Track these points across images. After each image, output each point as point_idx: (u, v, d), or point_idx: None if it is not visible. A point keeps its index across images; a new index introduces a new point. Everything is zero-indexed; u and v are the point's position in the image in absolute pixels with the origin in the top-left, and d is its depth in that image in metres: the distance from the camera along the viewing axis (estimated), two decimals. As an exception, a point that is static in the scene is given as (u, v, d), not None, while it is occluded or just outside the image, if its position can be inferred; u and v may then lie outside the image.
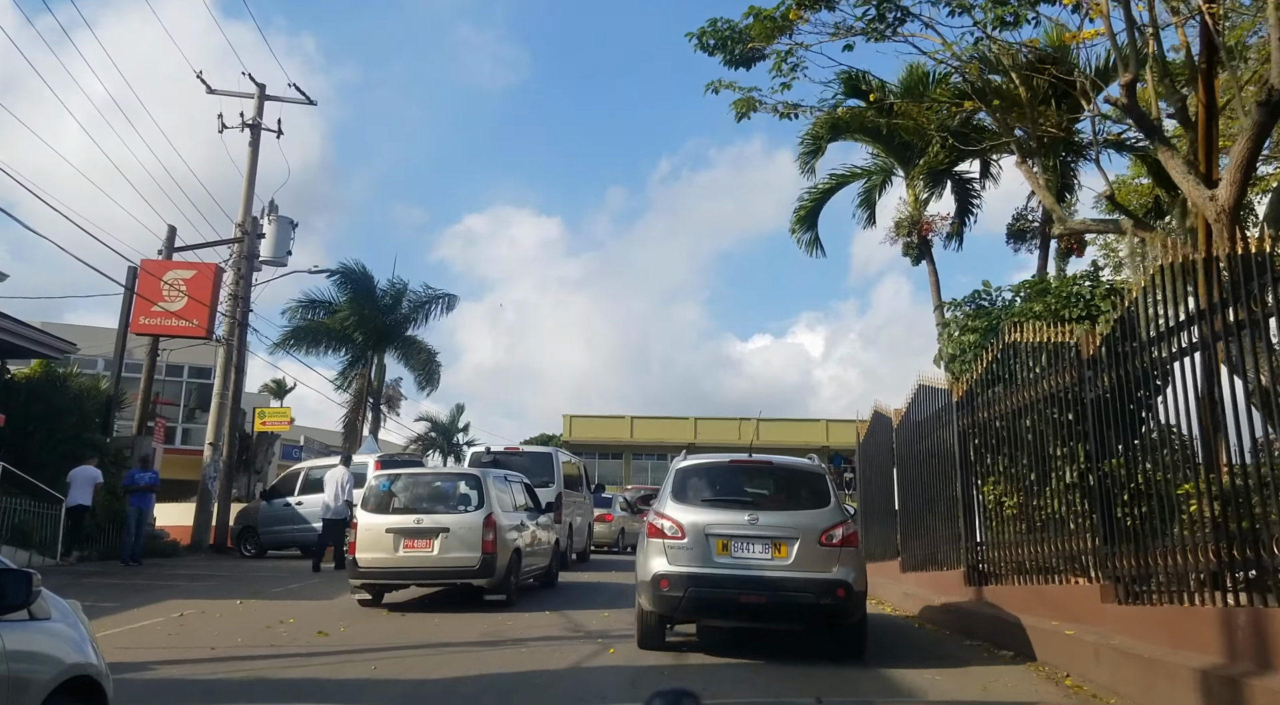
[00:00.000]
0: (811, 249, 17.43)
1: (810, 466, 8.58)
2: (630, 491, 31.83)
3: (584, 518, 18.07)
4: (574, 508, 16.79)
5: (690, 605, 7.66)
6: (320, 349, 32.63)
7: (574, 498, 16.90)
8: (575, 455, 18.46)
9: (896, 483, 12.94)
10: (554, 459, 16.09)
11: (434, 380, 34.07)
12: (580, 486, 17.96)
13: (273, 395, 59.06)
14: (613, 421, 50.41)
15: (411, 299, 33.34)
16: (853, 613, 7.68)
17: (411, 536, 10.53)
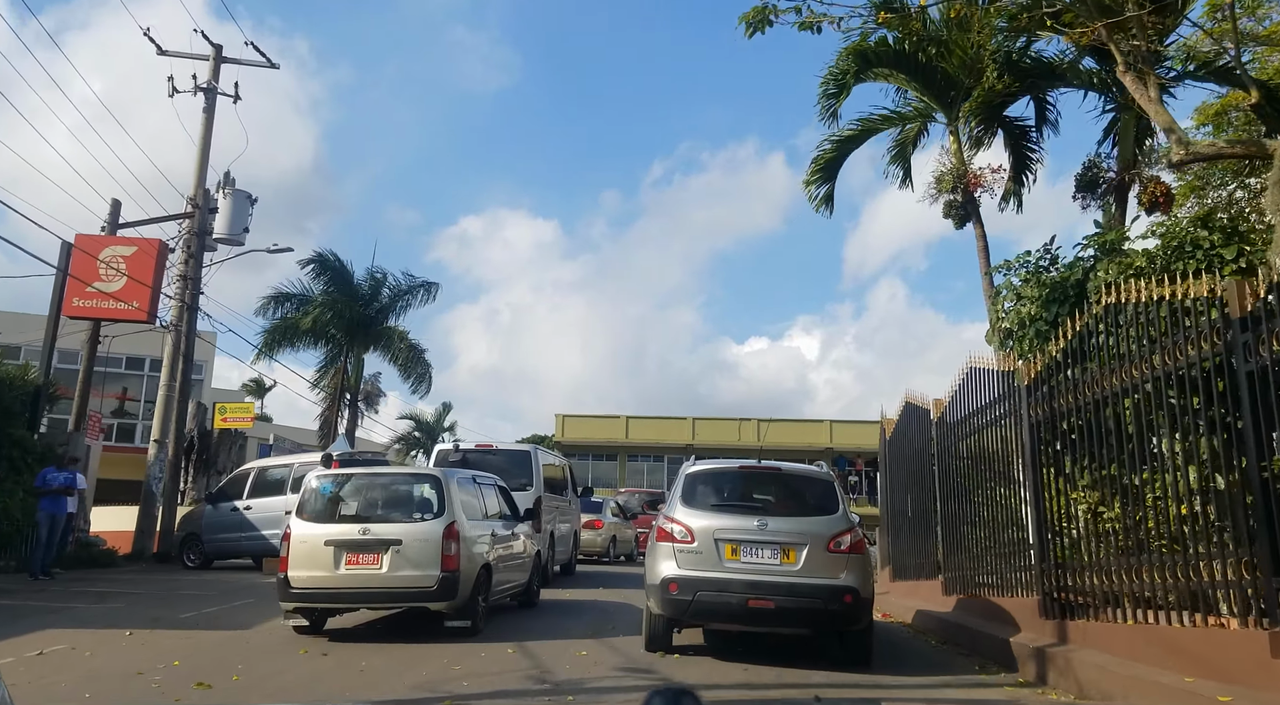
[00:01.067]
0: (822, 205, 15.29)
1: (819, 473, 8.73)
2: (624, 495, 29.28)
3: (570, 524, 16.04)
4: (557, 513, 14.76)
5: (699, 609, 7.72)
6: (295, 345, 30.59)
7: (557, 502, 14.88)
8: (559, 455, 16.37)
9: (938, 487, 10.89)
10: (533, 458, 14.02)
11: (423, 378, 31.88)
12: (565, 489, 15.92)
13: (250, 394, 57.12)
14: (607, 421, 48.33)
15: (391, 288, 31.34)
16: (860, 619, 7.73)
17: (356, 550, 8.51)
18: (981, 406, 9.23)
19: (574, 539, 16.42)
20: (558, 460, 16.01)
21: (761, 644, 8.60)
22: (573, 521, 16.36)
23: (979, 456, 9.39)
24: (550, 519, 14.21)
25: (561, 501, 15.36)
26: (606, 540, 20.94)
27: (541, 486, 13.81)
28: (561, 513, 15.23)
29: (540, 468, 13.95)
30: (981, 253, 14.27)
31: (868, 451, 46.43)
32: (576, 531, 16.83)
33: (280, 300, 30.34)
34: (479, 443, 14.61)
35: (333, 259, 30.47)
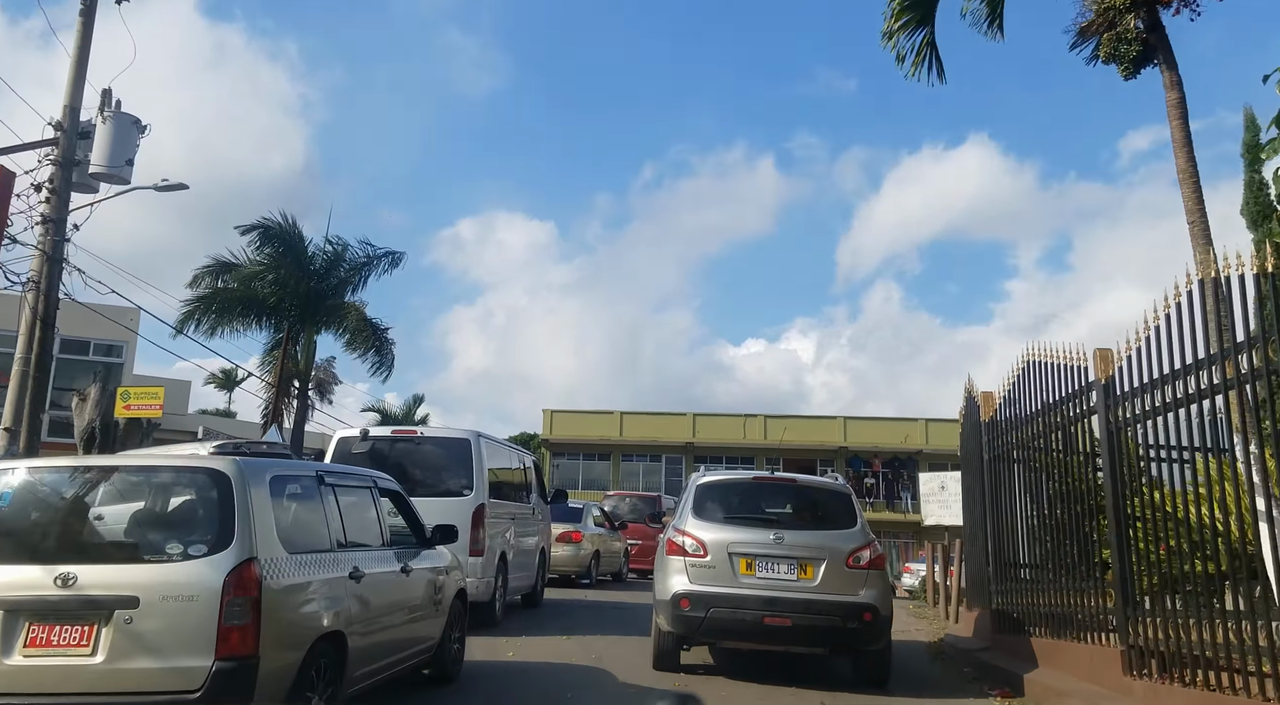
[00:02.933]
0: (921, 61, 10.44)
1: (835, 486, 8.52)
2: (611, 499, 24.37)
3: (535, 539, 12.00)
4: (513, 527, 10.73)
5: (712, 626, 7.51)
6: (233, 323, 26.57)
7: (514, 510, 10.87)
8: (518, 448, 12.25)
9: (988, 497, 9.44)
10: (474, 450, 9.82)
11: (383, 361, 27.84)
12: (527, 493, 11.88)
13: (220, 386, 53.12)
14: (599, 418, 44.27)
15: (350, 260, 27.35)
16: (879, 638, 7.55)
17: (46, 619, 4.40)
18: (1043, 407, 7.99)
19: (541, 558, 12.37)
20: (516, 454, 11.93)
21: (775, 663, 8.42)
22: (539, 535, 12.33)
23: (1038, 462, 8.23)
24: (503, 535, 10.22)
25: (520, 509, 11.35)
26: (587, 557, 16.89)
27: (486, 491, 9.76)
28: (521, 525, 11.20)
29: (485, 463, 9.84)
30: (1176, 107, 9.52)
31: (885, 451, 42.40)
32: (544, 548, 12.76)
33: (218, 271, 26.37)
34: (399, 429, 10.57)
35: (279, 225, 26.44)
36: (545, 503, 12.91)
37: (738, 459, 43.09)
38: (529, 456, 12.26)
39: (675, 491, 42.94)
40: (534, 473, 12.20)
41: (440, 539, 6.93)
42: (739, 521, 7.84)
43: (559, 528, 16.66)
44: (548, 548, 13.10)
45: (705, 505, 8.03)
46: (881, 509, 41.03)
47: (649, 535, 21.52)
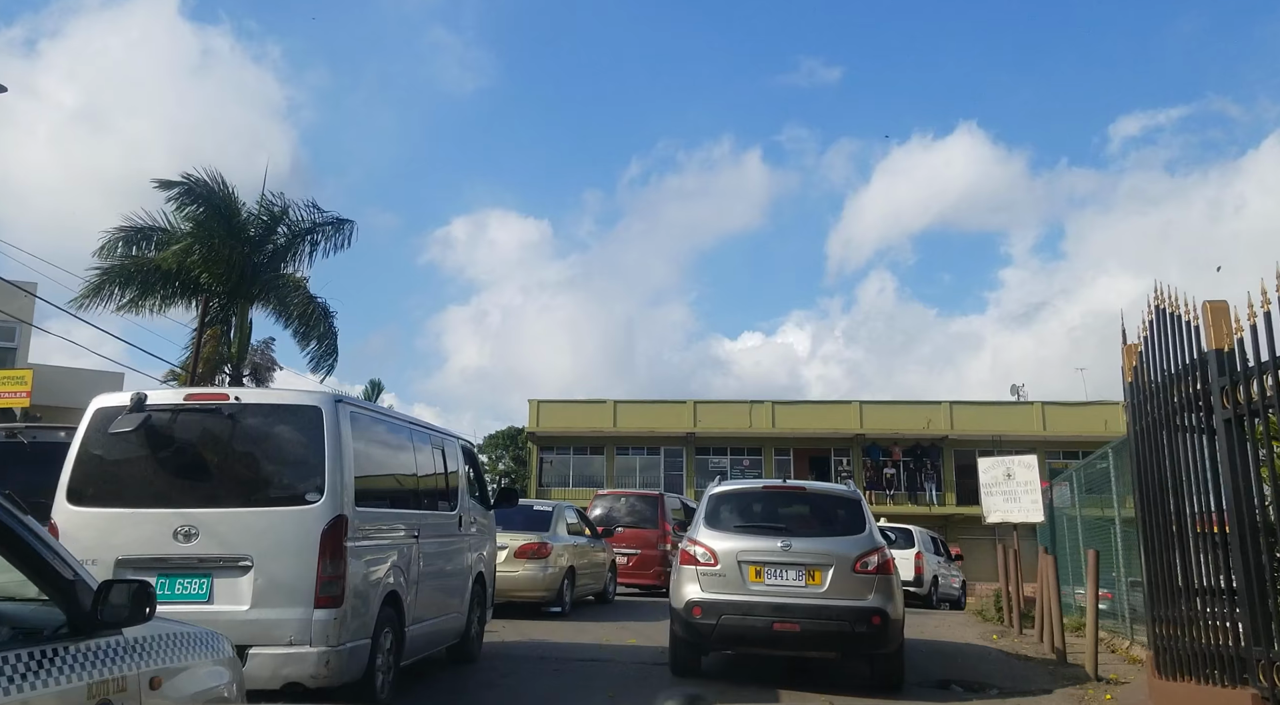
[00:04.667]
0: None
1: (845, 492, 8.70)
2: (605, 498, 19.36)
3: (464, 565, 8.01)
4: (413, 553, 6.74)
5: (723, 633, 7.70)
6: (153, 300, 22.59)
7: (413, 524, 6.87)
8: (435, 426, 8.05)
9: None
10: (328, 426, 5.63)
11: (327, 347, 23.79)
12: (447, 498, 7.85)
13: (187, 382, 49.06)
14: (591, 408, 40.30)
15: (291, 226, 23.35)
16: (889, 642, 7.64)
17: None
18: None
19: (477, 591, 8.35)
20: (427, 436, 7.62)
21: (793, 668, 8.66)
22: (473, 557, 8.32)
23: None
24: (392, 566, 6.24)
25: (439, 519, 7.40)
26: (557, 576, 12.95)
27: (351, 494, 5.68)
28: (434, 546, 7.21)
29: (348, 449, 5.75)
30: None
31: (906, 437, 38.43)
32: (483, 574, 8.71)
33: (134, 238, 22.37)
34: (197, 392, 6.31)
35: (206, 184, 22.42)
36: (486, 507, 8.92)
37: (744, 449, 39.23)
38: (454, 441, 8.20)
39: (676, 488, 39.12)
40: (463, 465, 8.18)
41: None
42: (748, 530, 8.04)
43: (517, 539, 12.77)
44: (490, 571, 9.09)
45: (717, 515, 8.22)
46: (904, 502, 37.14)
47: (649, 543, 17.59)
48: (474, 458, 8.60)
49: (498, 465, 57.09)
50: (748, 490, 8.79)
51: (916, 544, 19.60)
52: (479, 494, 8.78)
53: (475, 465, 8.68)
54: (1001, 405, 38.80)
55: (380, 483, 6.35)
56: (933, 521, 36.54)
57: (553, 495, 38.76)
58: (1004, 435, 36.99)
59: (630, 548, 17.64)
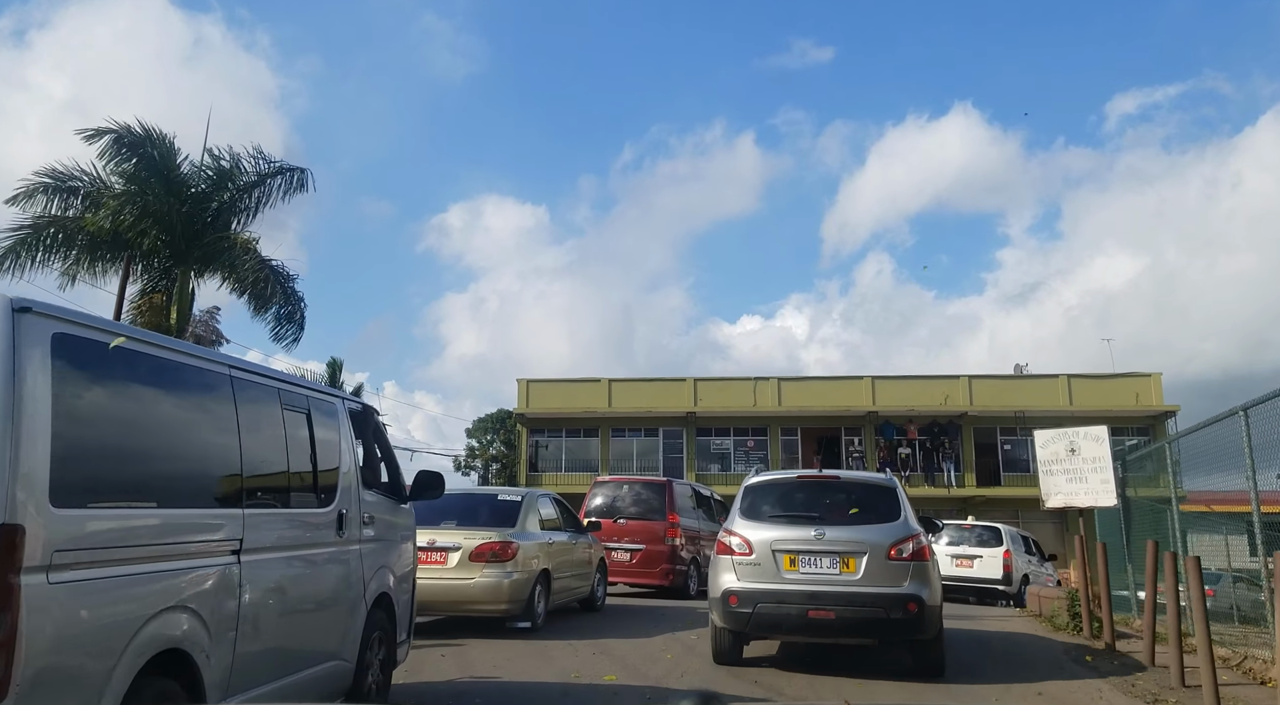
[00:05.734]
0: None
1: (880, 480, 8.76)
2: (606, 485, 16.40)
3: (348, 585, 5.28)
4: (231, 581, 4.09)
5: (759, 621, 7.78)
6: (84, 263, 19.93)
7: (230, 531, 4.21)
8: (328, 388, 5.38)
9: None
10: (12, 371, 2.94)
11: (288, 315, 21.10)
12: (329, 490, 5.18)
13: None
14: (584, 387, 37.65)
15: (238, 181, 20.63)
16: (927, 628, 7.63)
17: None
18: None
19: (382, 625, 5.68)
20: (281, 390, 4.77)
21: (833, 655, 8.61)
22: (373, 572, 5.65)
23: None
24: (186, 607, 3.59)
25: (298, 521, 4.76)
26: (525, 583, 10.39)
27: (40, 494, 2.85)
28: (305, 563, 4.62)
29: (40, 401, 3.04)
30: None
31: (922, 415, 35.79)
32: (388, 597, 5.96)
33: (58, 190, 19.62)
34: None
35: (140, 135, 19.70)
36: (399, 500, 6.25)
37: (747, 430, 36.64)
38: (335, 403, 5.43)
39: (676, 471, 36.59)
40: (350, 440, 5.48)
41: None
42: (783, 519, 8.12)
43: (474, 538, 10.27)
44: (402, 591, 6.34)
45: (752, 505, 8.36)
46: (920, 484, 34.50)
47: (655, 536, 15.04)
48: (375, 429, 5.95)
49: (489, 450, 54.54)
50: (782, 481, 9.00)
51: (1005, 542, 19.03)
52: (388, 482, 6.14)
53: (378, 440, 6.04)
54: (1023, 379, 36.16)
55: (152, 466, 3.66)
56: (951, 504, 34.05)
57: (544, 481, 36.20)
58: (1027, 410, 34.38)
59: (633, 542, 15.06)
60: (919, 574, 7.63)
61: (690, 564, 15.42)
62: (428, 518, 11.31)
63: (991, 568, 18.75)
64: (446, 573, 10.30)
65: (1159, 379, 34.24)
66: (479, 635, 9.69)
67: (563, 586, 11.69)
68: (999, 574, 18.43)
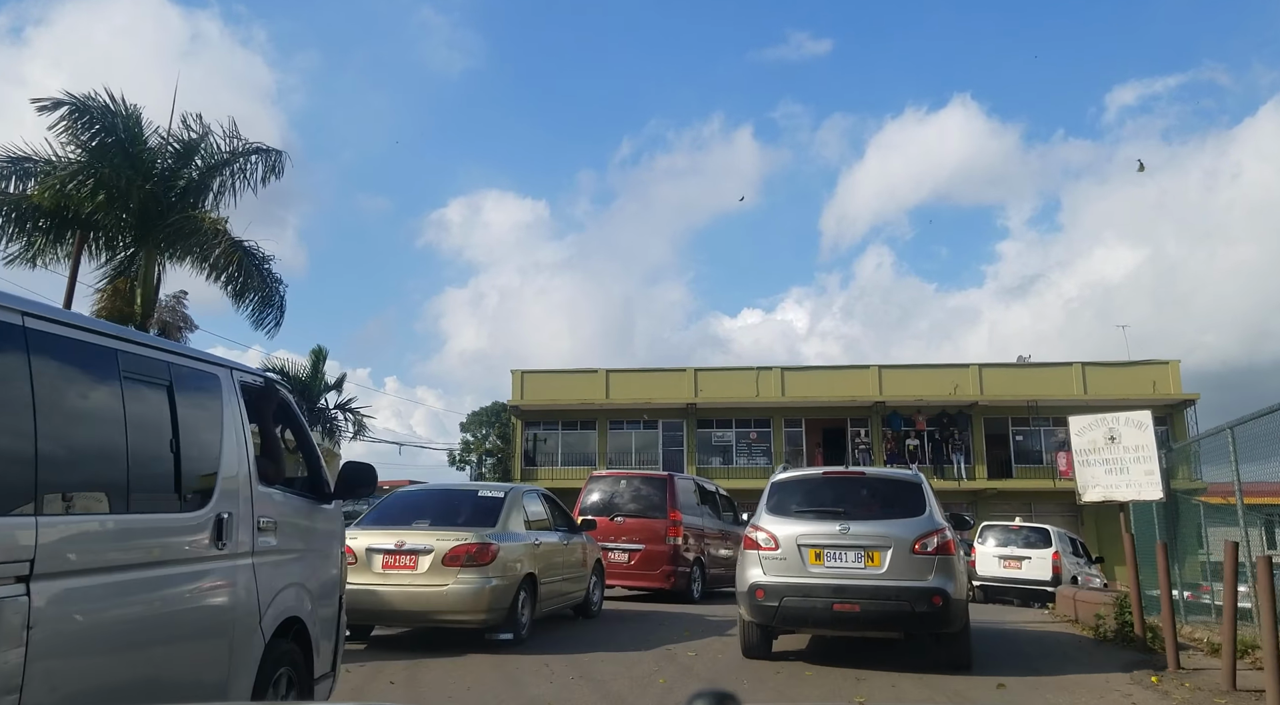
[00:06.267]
0: None
1: (905, 475, 8.85)
2: (603, 480, 15.08)
3: (248, 611, 3.92)
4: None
5: (785, 615, 7.87)
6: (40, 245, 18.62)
7: (16, 552, 2.87)
8: (201, 359, 4.07)
9: None
10: None
11: (264, 299, 19.79)
12: (206, 490, 3.68)
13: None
14: (581, 379, 36.35)
15: (207, 157, 19.32)
16: (952, 622, 7.71)
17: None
18: None
19: (287, 660, 4.35)
20: (122, 353, 3.40)
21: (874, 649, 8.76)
22: (273, 594, 4.21)
23: None
24: None
25: (148, 530, 3.45)
26: (507, 590, 9.17)
27: None
28: (160, 585, 3.33)
29: None
30: None
31: (931, 405, 34.48)
32: (301, 622, 4.57)
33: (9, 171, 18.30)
34: None
35: (102, 106, 18.38)
36: (320, 499, 4.92)
37: (750, 421, 35.36)
38: (220, 376, 3.92)
39: (676, 465, 35.33)
40: (242, 423, 4.06)
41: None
42: (808, 515, 8.19)
43: (447, 540, 9.06)
44: (321, 614, 4.93)
45: (778, 501, 8.45)
46: (929, 476, 33.05)
47: (656, 535, 13.79)
48: (283, 410, 4.64)
49: (483, 444, 53.18)
50: (808, 477, 9.09)
51: (1054, 544, 18.87)
52: (306, 477, 4.85)
53: (289, 424, 4.75)
54: (1035, 367, 34.80)
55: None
56: (961, 497, 32.76)
57: (539, 476, 34.94)
58: (1040, 400, 33.13)
59: (632, 542, 13.78)
60: (944, 568, 7.66)
61: (694, 565, 14.12)
62: (399, 517, 10.06)
63: (1040, 569, 18.39)
64: (417, 579, 9.05)
65: (1177, 366, 32.93)
66: (446, 651, 8.44)
67: (552, 592, 10.41)
68: (1048, 575, 18.04)
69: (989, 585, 19.24)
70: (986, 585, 19.24)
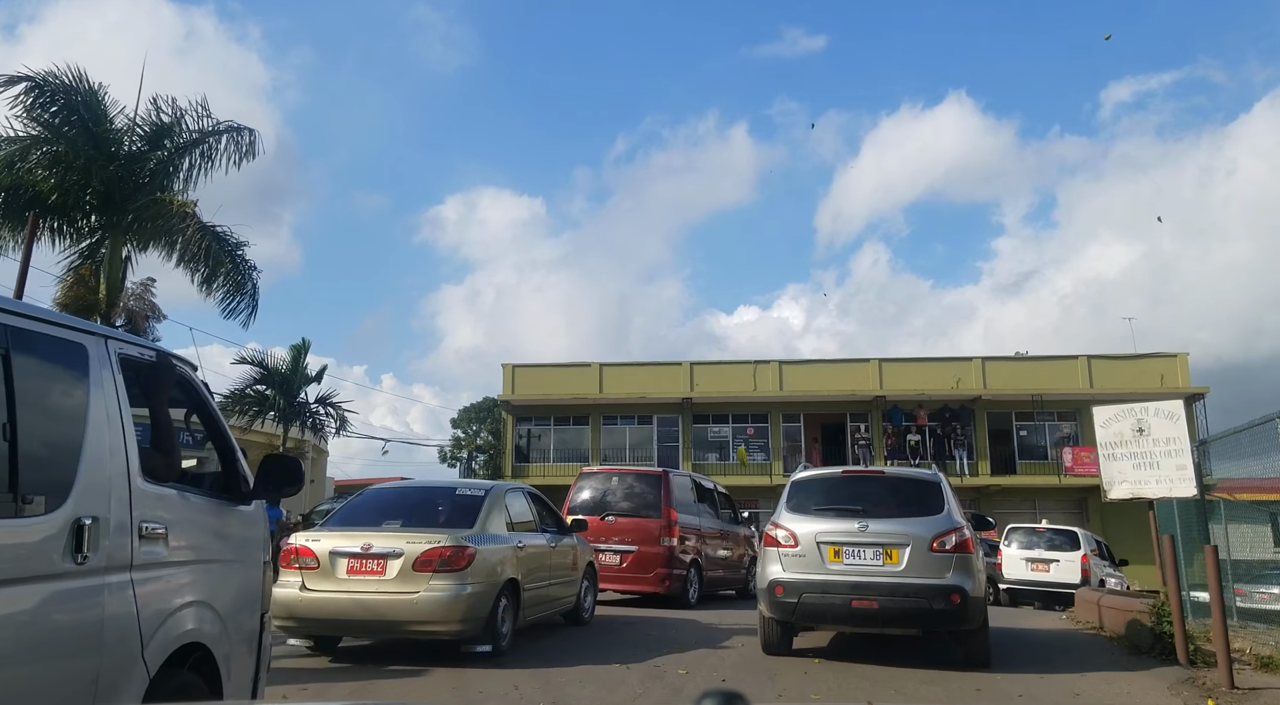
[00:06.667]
0: None
1: (924, 475, 9.03)
2: (594, 477, 13.98)
3: (105, 643, 3.18)
4: None
5: (804, 611, 8.00)
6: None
7: None
8: (55, 323, 3.24)
9: None
10: None
11: (235, 287, 18.81)
12: (59, 491, 2.87)
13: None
14: (574, 372, 35.47)
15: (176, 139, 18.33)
16: (971, 619, 7.75)
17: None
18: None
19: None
20: None
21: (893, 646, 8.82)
22: (158, 620, 3.43)
23: None
24: None
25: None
26: (485, 598, 8.30)
27: None
28: None
29: None
30: None
31: (932, 399, 33.67)
32: (187, 653, 3.65)
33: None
34: None
35: (64, 83, 17.39)
36: (237, 499, 3.99)
37: (747, 416, 34.50)
38: (92, 339, 3.00)
39: (672, 461, 34.46)
40: (117, 402, 3.22)
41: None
42: (827, 513, 8.25)
43: (419, 542, 8.20)
44: (240, 630, 3.97)
45: (798, 499, 8.53)
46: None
47: (650, 536, 12.92)
48: (187, 389, 3.74)
49: (474, 441, 52.19)
50: (827, 476, 9.20)
51: (1083, 546, 18.49)
52: (218, 473, 3.96)
53: (197, 409, 3.87)
54: (1040, 361, 33.97)
55: None
56: (963, 494, 31.81)
57: (531, 473, 34.06)
58: (1045, 394, 32.35)
59: (624, 543, 12.88)
60: (962, 566, 7.72)
61: (690, 567, 13.20)
62: (369, 517, 9.18)
63: (1069, 572, 17.97)
64: (385, 586, 8.17)
65: (1185, 359, 32.15)
66: (409, 668, 7.55)
67: (538, 598, 9.51)
68: (1077, 578, 17.65)
69: (1016, 588, 18.66)
70: (1013, 588, 18.65)
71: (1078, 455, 31.43)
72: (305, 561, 8.47)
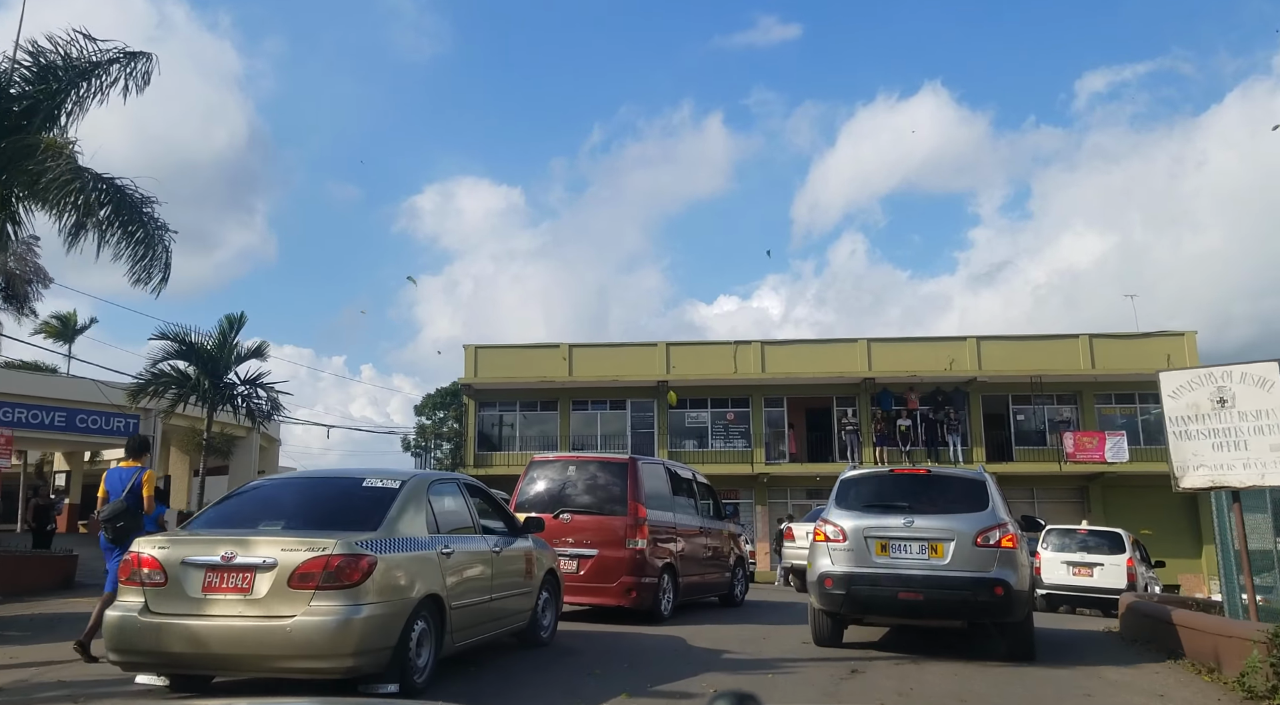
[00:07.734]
0: None
1: (970, 474, 9.10)
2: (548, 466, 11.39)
3: None
4: None
5: (853, 602, 8.27)
6: None
7: None
8: None
9: None
10: None
11: (142, 247, 16.20)
12: None
13: (54, 336, 41.23)
14: (541, 354, 33.10)
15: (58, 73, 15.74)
16: (1014, 612, 8.00)
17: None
18: None
19: None
20: None
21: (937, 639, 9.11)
22: None
23: None
24: None
25: None
26: (389, 622, 5.96)
27: None
28: None
29: None
30: None
31: (926, 381, 31.61)
32: None
33: None
34: None
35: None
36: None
37: (727, 400, 32.36)
38: None
39: (647, 448, 32.25)
40: None
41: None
42: (875, 509, 8.51)
43: (297, 549, 5.94)
44: None
45: (846, 496, 8.80)
46: (921, 459, 30.38)
47: (614, 537, 10.56)
48: None
49: (439, 428, 49.69)
50: (876, 474, 9.72)
51: (1128, 550, 17.53)
52: None
53: None
54: (1039, 340, 32.01)
55: None
56: (957, 482, 29.99)
57: (494, 461, 31.75)
58: (1045, 375, 30.42)
59: (582, 546, 10.47)
60: (1006, 560, 7.92)
61: (662, 573, 10.76)
62: (245, 517, 6.83)
63: (1114, 577, 16.84)
64: (251, 608, 5.92)
65: (1194, 338, 30.30)
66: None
67: (474, 617, 7.21)
68: (1123, 583, 16.66)
69: (1055, 594, 17.14)
70: (1053, 594, 17.10)
71: (1079, 440, 29.56)
72: (149, 575, 6.19)
